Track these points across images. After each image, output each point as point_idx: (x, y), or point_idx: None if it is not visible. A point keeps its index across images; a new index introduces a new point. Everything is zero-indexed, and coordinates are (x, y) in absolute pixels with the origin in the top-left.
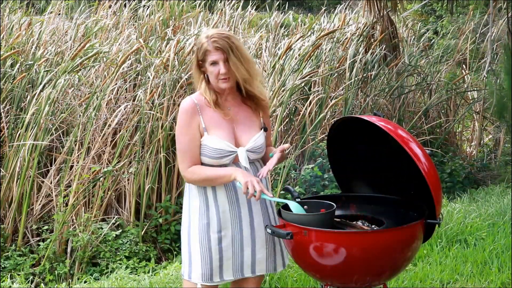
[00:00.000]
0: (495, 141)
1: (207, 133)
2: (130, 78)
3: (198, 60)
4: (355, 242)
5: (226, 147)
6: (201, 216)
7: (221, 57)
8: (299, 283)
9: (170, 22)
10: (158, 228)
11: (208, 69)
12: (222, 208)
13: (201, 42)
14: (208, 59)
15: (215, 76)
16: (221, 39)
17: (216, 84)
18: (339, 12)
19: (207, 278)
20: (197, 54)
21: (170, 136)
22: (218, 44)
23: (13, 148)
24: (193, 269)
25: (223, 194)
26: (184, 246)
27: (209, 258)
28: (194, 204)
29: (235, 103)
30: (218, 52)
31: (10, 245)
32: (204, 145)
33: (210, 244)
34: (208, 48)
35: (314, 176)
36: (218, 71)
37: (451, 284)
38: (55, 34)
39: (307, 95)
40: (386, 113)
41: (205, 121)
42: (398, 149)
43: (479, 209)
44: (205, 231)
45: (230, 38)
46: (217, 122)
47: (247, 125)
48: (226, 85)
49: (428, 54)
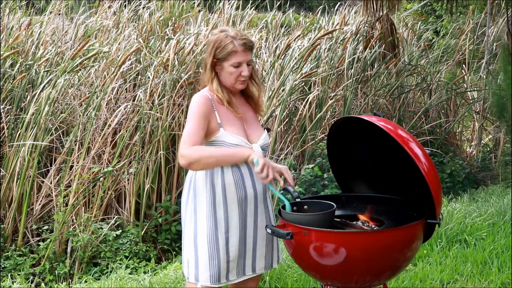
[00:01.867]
0: (495, 141)
1: (223, 129)
2: (130, 78)
3: (215, 59)
4: (355, 242)
5: (243, 143)
6: (209, 217)
7: (246, 59)
8: (299, 283)
9: (169, 22)
10: (158, 228)
11: (227, 69)
12: (230, 207)
13: (223, 42)
14: (231, 60)
15: (235, 77)
16: (249, 41)
17: (233, 84)
18: (338, 12)
19: (215, 280)
20: (215, 53)
21: (170, 136)
22: (247, 46)
23: (13, 148)
24: (200, 271)
25: (233, 191)
26: (189, 248)
27: (217, 260)
28: (201, 204)
29: (241, 102)
30: (246, 54)
31: (10, 245)
32: (221, 141)
33: (218, 245)
34: (235, 49)
35: (314, 176)
36: (239, 73)
37: (451, 284)
38: (55, 34)
39: (306, 94)
40: (386, 113)
41: (220, 117)
42: (398, 149)
43: (479, 209)
44: (213, 232)
45: (252, 41)
46: (229, 120)
47: (254, 123)
48: (243, 86)
49: (428, 54)
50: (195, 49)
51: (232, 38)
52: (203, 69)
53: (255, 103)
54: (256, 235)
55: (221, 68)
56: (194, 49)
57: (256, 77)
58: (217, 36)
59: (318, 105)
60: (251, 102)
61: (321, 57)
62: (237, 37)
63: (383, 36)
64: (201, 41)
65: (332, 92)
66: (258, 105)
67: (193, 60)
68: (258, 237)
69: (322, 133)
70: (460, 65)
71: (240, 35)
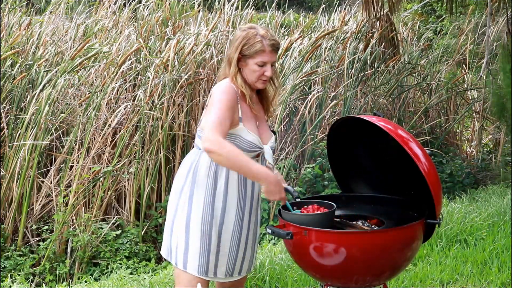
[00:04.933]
0: (495, 141)
1: (242, 124)
2: (130, 78)
3: (240, 55)
4: (355, 242)
5: (257, 142)
6: (206, 207)
7: (272, 60)
8: (299, 283)
9: (169, 22)
10: (158, 228)
11: (251, 67)
12: (229, 202)
13: (252, 39)
14: (258, 58)
15: (257, 76)
16: (277, 43)
17: (254, 82)
18: (338, 12)
19: (203, 271)
20: (242, 49)
21: (170, 136)
22: (274, 47)
23: (13, 148)
24: (189, 259)
25: (235, 187)
26: (180, 232)
27: (207, 251)
28: (200, 191)
29: (255, 100)
30: (272, 55)
31: (10, 245)
32: (238, 136)
33: (211, 236)
34: (263, 49)
35: (314, 175)
36: (262, 72)
37: (451, 284)
38: (55, 34)
39: (306, 94)
40: (386, 113)
41: (241, 111)
42: (398, 149)
43: (479, 209)
44: (207, 222)
45: (280, 43)
46: (248, 116)
47: (264, 125)
48: (263, 86)
49: (428, 54)
50: (195, 49)
51: (261, 37)
52: (225, 63)
53: (267, 105)
54: (248, 236)
55: (245, 65)
56: (194, 49)
57: (276, 79)
58: (246, 32)
59: (318, 105)
60: (264, 103)
61: (321, 56)
62: (267, 37)
63: (383, 35)
64: (201, 41)
65: (332, 92)
66: (270, 107)
67: (193, 60)
68: (249, 238)
69: (322, 133)
70: (460, 65)
71: (269, 35)
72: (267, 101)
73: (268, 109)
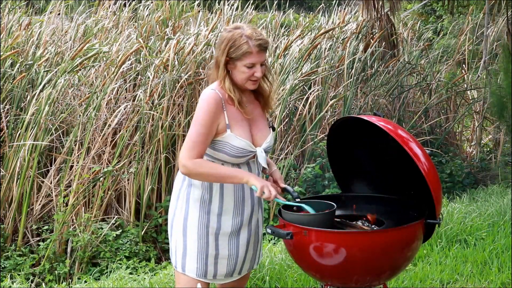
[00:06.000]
0: (495, 141)
1: (230, 130)
2: (130, 78)
3: (228, 57)
4: (355, 242)
5: (248, 147)
6: (202, 210)
7: (260, 60)
8: (299, 283)
9: (169, 22)
10: (158, 228)
11: (240, 69)
12: (225, 205)
13: (237, 41)
14: (246, 60)
15: (246, 77)
16: (264, 41)
17: (244, 84)
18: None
19: (201, 274)
20: (228, 51)
21: (170, 136)
22: (262, 47)
23: (13, 148)
24: (187, 262)
25: (230, 191)
26: (178, 235)
27: (205, 254)
28: (195, 194)
29: (249, 100)
30: (260, 55)
31: (10, 245)
32: (225, 143)
33: (208, 239)
34: (250, 50)
35: (315, 175)
36: (252, 73)
37: (451, 284)
38: (55, 34)
39: (306, 94)
40: (386, 113)
41: (228, 117)
42: (398, 149)
43: (479, 209)
44: (204, 225)
45: (268, 41)
46: (237, 120)
47: (261, 123)
48: (254, 86)
49: (428, 54)
50: (195, 49)
51: (247, 38)
52: (213, 65)
53: (265, 101)
54: (249, 238)
55: (233, 67)
56: (194, 49)
57: (269, 74)
58: (231, 33)
59: (318, 105)
60: (260, 99)
61: (321, 56)
62: (253, 37)
63: (383, 35)
64: (201, 41)
65: (332, 92)
66: (268, 103)
67: (193, 60)
68: (251, 239)
69: (322, 133)
70: (460, 65)
71: (255, 34)
72: (263, 98)
73: (266, 105)
